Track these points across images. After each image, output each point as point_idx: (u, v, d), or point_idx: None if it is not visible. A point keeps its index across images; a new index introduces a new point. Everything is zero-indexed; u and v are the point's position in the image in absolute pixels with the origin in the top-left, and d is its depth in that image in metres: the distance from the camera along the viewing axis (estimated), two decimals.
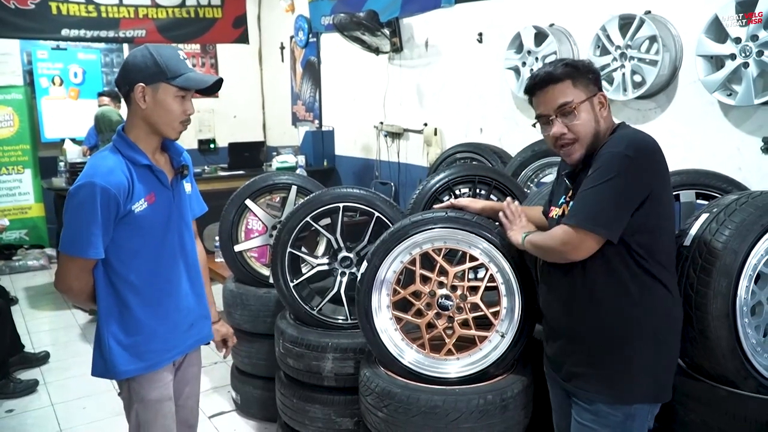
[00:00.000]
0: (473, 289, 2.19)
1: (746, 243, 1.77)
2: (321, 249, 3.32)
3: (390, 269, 2.22)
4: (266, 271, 3.24)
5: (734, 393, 1.80)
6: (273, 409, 2.99)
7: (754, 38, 2.53)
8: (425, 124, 4.80)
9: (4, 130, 6.47)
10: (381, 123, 5.35)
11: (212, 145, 7.68)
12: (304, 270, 2.83)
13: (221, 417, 3.45)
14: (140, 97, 1.80)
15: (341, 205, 2.69)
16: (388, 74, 5.21)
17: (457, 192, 2.95)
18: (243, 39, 7.15)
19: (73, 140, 5.99)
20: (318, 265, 2.79)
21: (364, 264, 2.24)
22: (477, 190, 2.92)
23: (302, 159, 5.87)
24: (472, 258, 2.17)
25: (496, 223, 2.19)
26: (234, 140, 6.60)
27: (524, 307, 2.12)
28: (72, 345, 4.52)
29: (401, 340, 2.22)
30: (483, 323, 2.19)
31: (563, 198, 1.83)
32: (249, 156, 6.36)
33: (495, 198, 2.87)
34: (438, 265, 2.18)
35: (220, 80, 1.90)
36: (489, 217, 2.18)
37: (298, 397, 2.69)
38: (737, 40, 2.59)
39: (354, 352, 2.55)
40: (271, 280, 2.82)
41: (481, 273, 2.24)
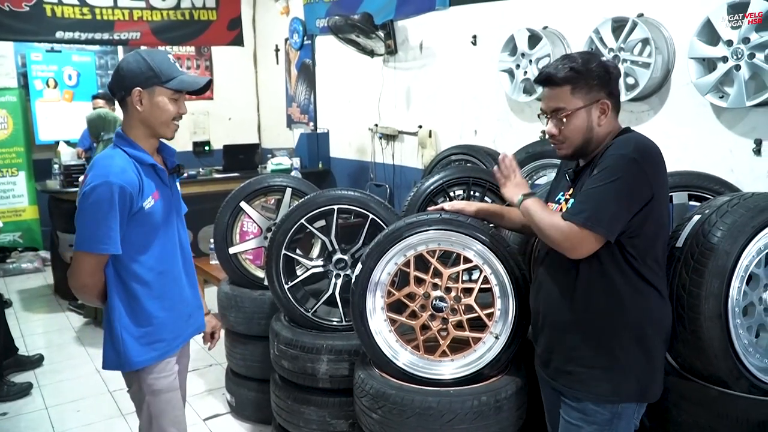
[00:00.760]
0: (467, 291, 2.20)
1: (738, 244, 1.78)
2: (316, 251, 3.33)
3: (384, 271, 2.23)
4: (261, 273, 3.24)
5: (726, 393, 1.82)
6: (268, 412, 2.99)
7: (746, 41, 2.55)
8: (420, 126, 4.80)
9: None
10: (376, 125, 5.35)
11: (207, 148, 7.66)
12: (299, 272, 2.84)
13: (216, 419, 3.44)
14: (137, 101, 1.89)
15: (336, 208, 2.70)
16: (383, 76, 5.21)
17: (452, 194, 2.96)
18: (238, 41, 7.12)
19: (68, 143, 5.95)
20: (313, 267, 2.79)
21: (359, 266, 2.25)
22: (471, 192, 2.93)
23: (297, 161, 5.87)
24: (467, 260, 2.18)
25: (490, 226, 2.20)
26: (229, 142, 6.58)
27: (518, 309, 2.13)
28: (66, 348, 4.50)
29: (396, 342, 2.23)
30: (477, 325, 2.20)
31: (562, 195, 1.86)
32: (244, 158, 6.37)
33: (489, 200, 2.89)
34: (432, 267, 2.19)
35: (210, 81, 2.02)
36: (483, 220, 2.19)
37: (293, 399, 2.69)
38: (729, 43, 2.61)
39: (348, 354, 2.56)
40: (266, 282, 2.83)
41: (476, 275, 2.26)
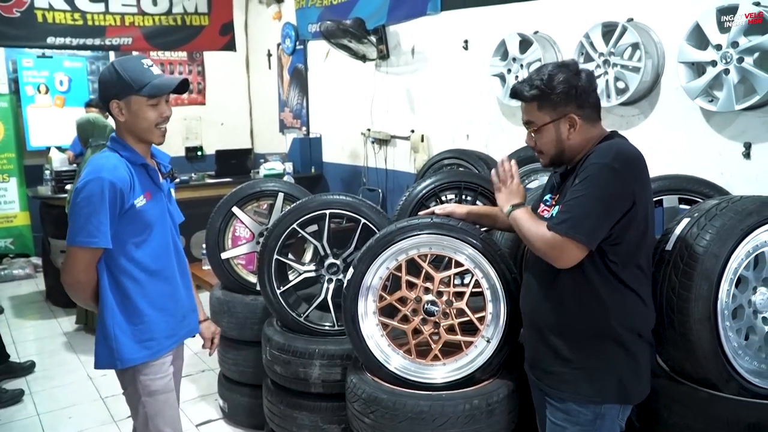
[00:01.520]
0: (459, 295, 2.20)
1: (727, 247, 1.79)
2: (308, 256, 3.33)
3: (376, 275, 2.23)
4: (253, 279, 3.24)
5: (716, 395, 1.83)
6: (260, 417, 2.98)
7: (735, 45, 2.57)
8: (412, 131, 4.81)
9: None
10: (368, 130, 5.36)
11: (199, 153, 7.66)
12: (291, 277, 2.83)
13: (208, 425, 3.43)
14: (117, 112, 1.93)
15: (328, 212, 2.70)
16: (375, 81, 5.22)
17: (444, 198, 2.97)
18: (230, 46, 7.13)
19: (59, 148, 5.93)
20: (305, 272, 2.79)
21: (351, 270, 2.25)
22: (463, 196, 2.94)
23: (290, 166, 5.86)
24: (458, 264, 2.18)
25: (482, 229, 2.21)
26: (221, 147, 6.58)
27: (509, 313, 2.13)
28: (58, 354, 4.48)
29: (387, 346, 2.23)
30: (469, 329, 2.20)
31: (549, 196, 1.88)
32: (236, 163, 6.36)
33: (480, 203, 2.89)
34: (424, 271, 2.20)
35: (186, 80, 1.99)
36: (474, 223, 2.19)
37: (286, 404, 2.69)
38: (718, 47, 2.62)
39: (341, 359, 2.56)
40: (258, 287, 2.82)
41: (467, 279, 2.26)
